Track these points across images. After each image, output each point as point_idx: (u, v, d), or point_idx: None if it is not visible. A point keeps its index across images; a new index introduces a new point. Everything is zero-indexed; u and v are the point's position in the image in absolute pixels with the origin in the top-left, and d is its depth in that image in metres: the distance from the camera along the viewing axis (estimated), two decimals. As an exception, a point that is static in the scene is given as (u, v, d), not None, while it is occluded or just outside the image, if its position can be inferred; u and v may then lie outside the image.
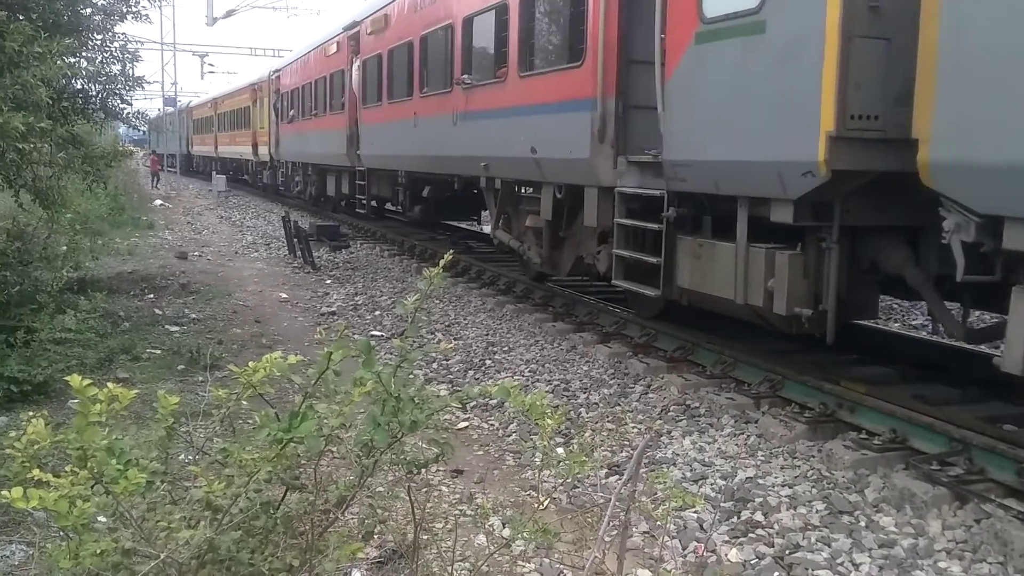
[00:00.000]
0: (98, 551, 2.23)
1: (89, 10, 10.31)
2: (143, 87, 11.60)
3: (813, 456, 5.78)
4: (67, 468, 2.39)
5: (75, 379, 2.37)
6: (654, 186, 7.62)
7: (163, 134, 54.37)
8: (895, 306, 11.62)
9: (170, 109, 52.17)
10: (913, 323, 10.58)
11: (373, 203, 19.25)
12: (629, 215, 8.08)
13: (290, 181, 27.26)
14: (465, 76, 11.54)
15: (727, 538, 4.68)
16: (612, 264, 8.36)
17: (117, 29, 10.84)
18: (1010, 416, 5.92)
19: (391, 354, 2.67)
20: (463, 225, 19.80)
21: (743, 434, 6.27)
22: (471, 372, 8.19)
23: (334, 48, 19.97)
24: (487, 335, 9.66)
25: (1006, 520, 4.58)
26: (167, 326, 9.74)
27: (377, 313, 11.07)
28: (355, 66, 17.90)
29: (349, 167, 18.94)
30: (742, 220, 6.64)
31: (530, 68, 9.87)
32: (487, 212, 18.48)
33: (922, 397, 6.13)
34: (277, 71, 28.39)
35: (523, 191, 11.31)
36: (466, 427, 6.59)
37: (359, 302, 11.89)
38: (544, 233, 10.33)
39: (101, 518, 2.52)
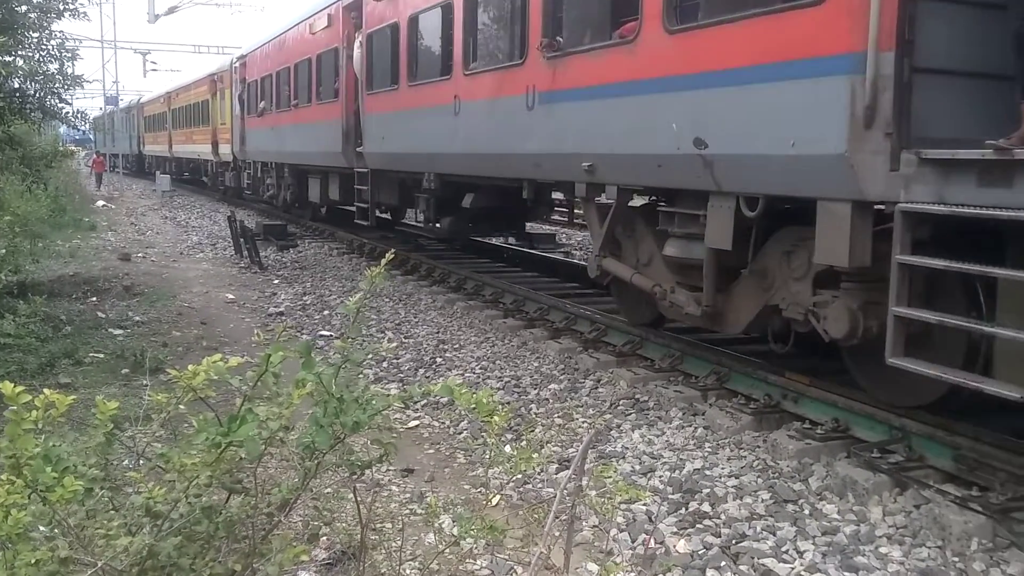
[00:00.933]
0: (34, 560, 2.19)
1: (24, 7, 10.08)
2: (82, 86, 11.41)
3: (758, 446, 5.88)
4: (1, 476, 2.34)
5: (7, 386, 2.33)
6: (994, 201, 4.47)
7: (109, 133, 51.52)
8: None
9: (111, 108, 50.42)
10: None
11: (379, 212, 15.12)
12: (915, 248, 4.83)
13: (259, 184, 23.30)
14: (557, 38, 8.16)
15: (675, 529, 4.74)
16: (886, 330, 4.94)
17: (54, 27, 10.63)
18: (947, 404, 6.05)
19: (340, 354, 2.67)
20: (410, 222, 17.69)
21: (691, 426, 6.35)
22: (421, 370, 8.17)
23: (323, 23, 16.05)
24: (438, 333, 9.65)
25: (944, 505, 4.70)
26: (110, 329, 9.57)
27: (326, 313, 10.98)
28: (356, 43, 14.24)
29: (344, 168, 15.21)
30: None
31: (691, 17, 6.56)
32: (531, 224, 14.98)
33: (863, 387, 6.24)
34: (243, 57, 24.38)
35: (653, 203, 7.91)
36: (417, 426, 6.58)
37: (308, 302, 11.79)
38: (708, 269, 6.76)
39: (40, 527, 2.48)
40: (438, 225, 12.88)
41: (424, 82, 11.43)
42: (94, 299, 11.53)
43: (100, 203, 30.19)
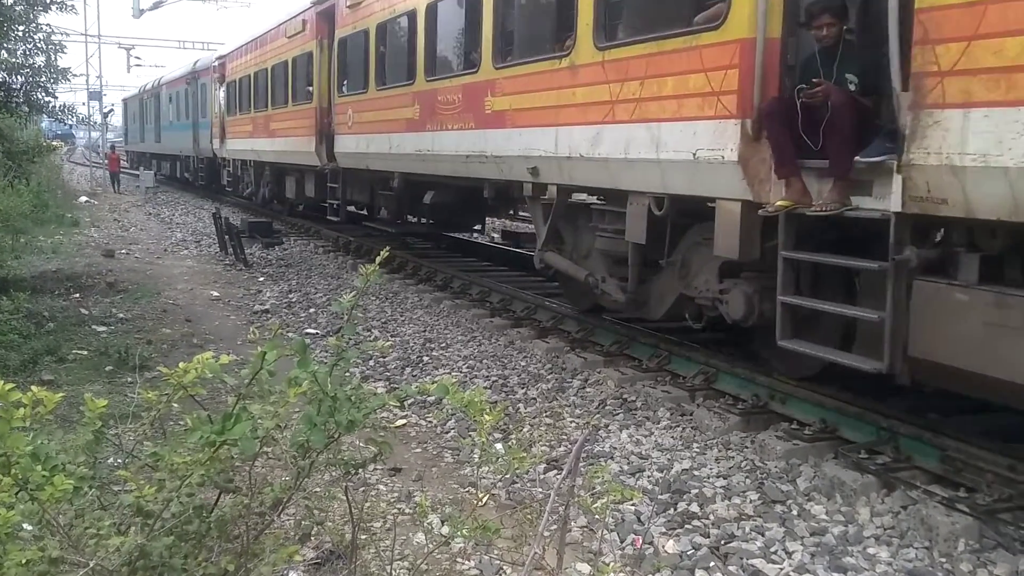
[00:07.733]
0: (23, 560, 2.15)
1: (11, 0, 9.98)
2: (69, 79, 11.29)
3: (746, 447, 5.89)
4: (-11, 476, 2.30)
5: (-3, 383, 2.29)
6: None
7: (151, 123, 35.48)
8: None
9: (156, 81, 36.85)
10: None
11: None
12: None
13: None
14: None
15: (664, 530, 4.73)
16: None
17: (41, 20, 10.53)
18: (933, 405, 6.09)
19: (327, 352, 2.65)
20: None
21: (679, 426, 6.35)
22: (408, 369, 8.14)
23: None
24: (424, 331, 9.62)
25: (931, 506, 4.72)
26: (94, 326, 9.48)
27: (312, 311, 10.93)
28: None
29: None
30: None
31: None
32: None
33: (850, 388, 6.26)
34: None
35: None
36: (403, 425, 6.55)
37: (293, 299, 11.73)
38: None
39: (27, 526, 2.44)
40: None
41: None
42: (77, 296, 11.43)
43: (83, 199, 29.91)
